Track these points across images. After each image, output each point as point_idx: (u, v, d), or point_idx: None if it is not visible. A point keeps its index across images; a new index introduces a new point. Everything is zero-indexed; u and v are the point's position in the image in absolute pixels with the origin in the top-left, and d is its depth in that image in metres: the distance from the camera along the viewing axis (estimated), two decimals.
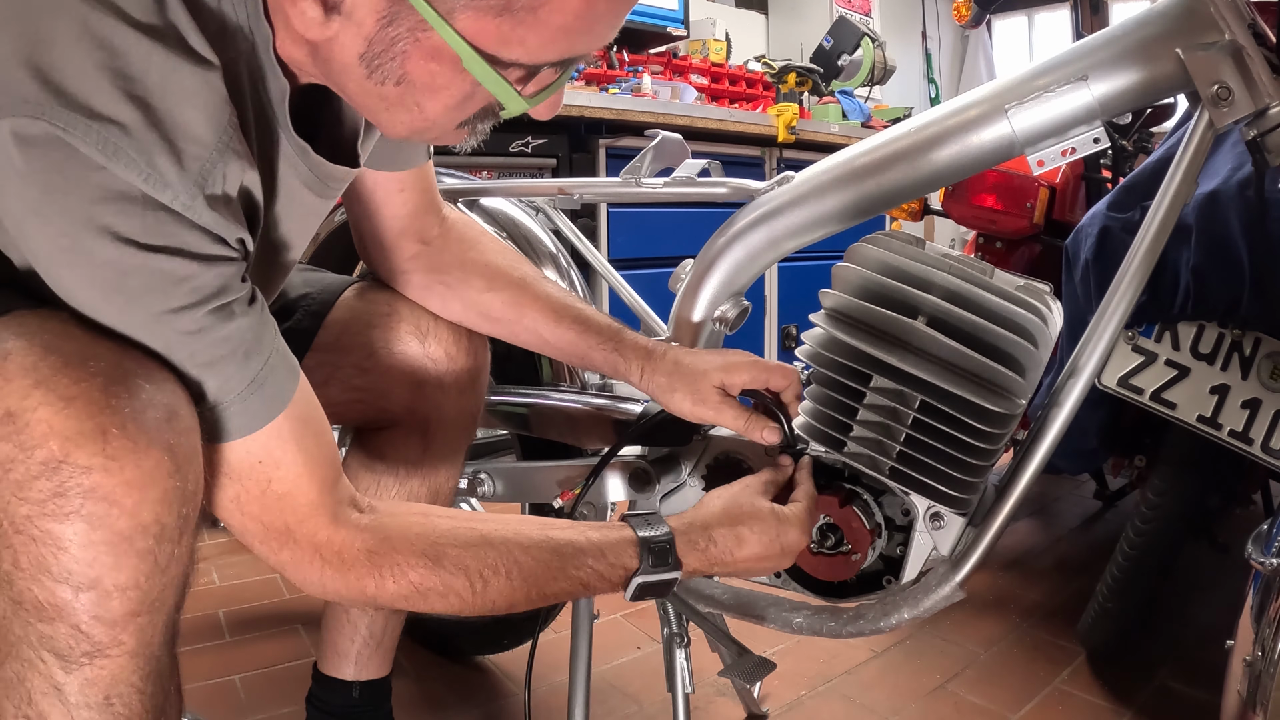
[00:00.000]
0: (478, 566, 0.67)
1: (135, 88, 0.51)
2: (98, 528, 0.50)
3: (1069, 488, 2.46)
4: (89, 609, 0.51)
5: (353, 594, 0.66)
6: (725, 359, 0.89)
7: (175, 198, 0.53)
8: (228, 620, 1.59)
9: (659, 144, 1.16)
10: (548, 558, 0.69)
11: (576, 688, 1.02)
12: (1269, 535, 0.74)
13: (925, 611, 0.80)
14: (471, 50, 0.55)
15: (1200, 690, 1.38)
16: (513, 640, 1.41)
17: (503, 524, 0.71)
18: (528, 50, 0.56)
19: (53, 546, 0.50)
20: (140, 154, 0.51)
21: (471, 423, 1.03)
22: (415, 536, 0.67)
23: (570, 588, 0.71)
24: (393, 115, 0.62)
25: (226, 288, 0.57)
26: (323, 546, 0.65)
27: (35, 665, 0.52)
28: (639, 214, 2.52)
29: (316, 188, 0.70)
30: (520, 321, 0.95)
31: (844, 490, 0.85)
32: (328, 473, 0.65)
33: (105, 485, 0.50)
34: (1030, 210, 1.84)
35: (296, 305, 0.95)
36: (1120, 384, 1.14)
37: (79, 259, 0.52)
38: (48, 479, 0.50)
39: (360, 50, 0.57)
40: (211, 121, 0.55)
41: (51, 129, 0.49)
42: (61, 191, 0.50)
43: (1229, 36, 0.71)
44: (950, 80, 5.96)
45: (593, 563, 0.71)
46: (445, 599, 0.67)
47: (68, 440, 0.50)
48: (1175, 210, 0.76)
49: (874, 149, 0.89)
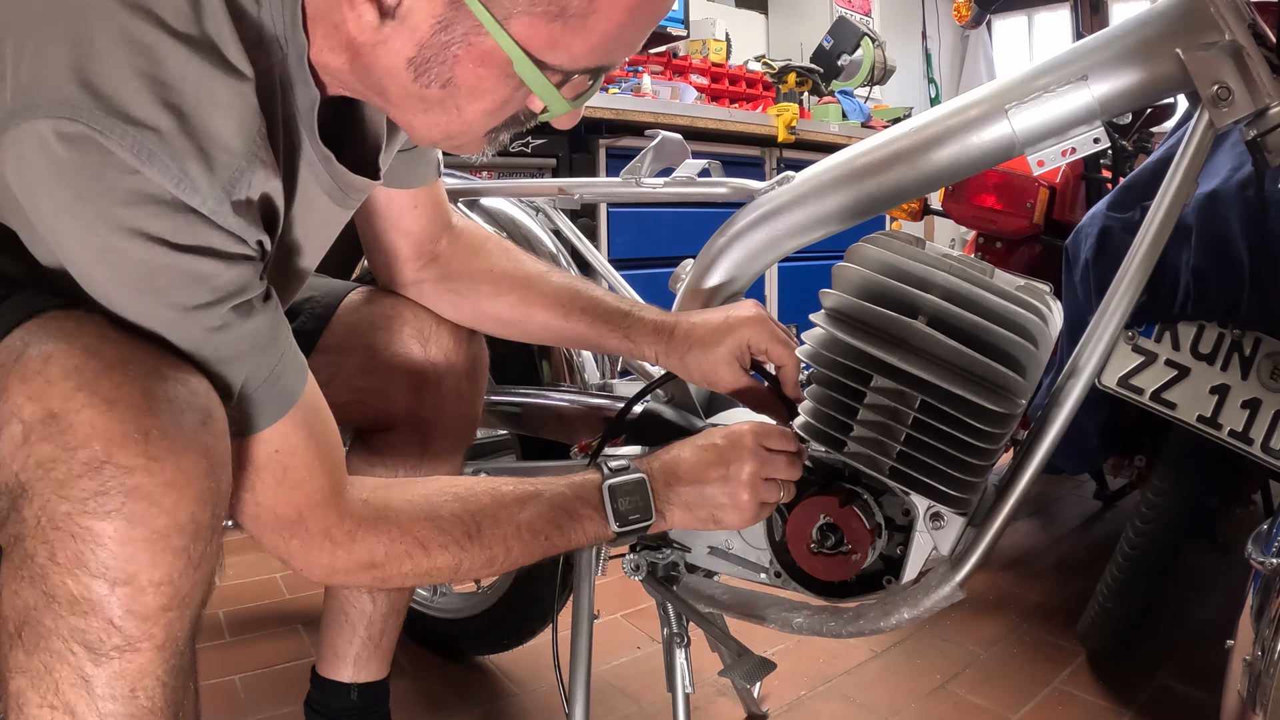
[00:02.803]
0: (470, 516, 0.72)
1: (171, 95, 0.53)
2: (137, 525, 0.52)
3: (1069, 488, 2.46)
4: (123, 603, 0.53)
5: (359, 567, 0.69)
6: (733, 318, 0.89)
7: (204, 203, 0.55)
8: (228, 620, 1.59)
9: (659, 144, 1.16)
10: (543, 509, 0.76)
11: (576, 688, 1.02)
12: (1269, 535, 0.74)
13: (925, 611, 0.80)
14: (523, 53, 0.58)
15: (1200, 690, 1.38)
16: (513, 640, 1.41)
17: (485, 482, 0.77)
18: (571, 56, 0.59)
19: (91, 543, 0.52)
20: (174, 160, 0.53)
21: (471, 425, 1.04)
22: (415, 496, 0.72)
23: (556, 524, 0.77)
24: (430, 117, 0.64)
25: (247, 286, 0.59)
26: (332, 528, 0.68)
27: (65, 657, 0.53)
28: (639, 214, 2.52)
29: (337, 197, 0.72)
30: (530, 320, 0.96)
31: (844, 490, 0.85)
32: (336, 458, 0.69)
33: (147, 485, 0.52)
34: (1030, 210, 1.84)
35: (300, 308, 0.95)
36: (1120, 384, 1.14)
37: (111, 258, 0.54)
38: (90, 478, 0.51)
39: (410, 54, 0.59)
40: (242, 132, 0.57)
41: (89, 131, 0.51)
42: (95, 193, 0.52)
43: (1229, 36, 0.71)
44: (950, 80, 5.96)
45: (571, 498, 0.77)
46: (447, 550, 0.71)
47: (111, 441, 0.51)
48: (1175, 210, 0.76)
49: (874, 149, 0.89)
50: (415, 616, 1.43)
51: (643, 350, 0.93)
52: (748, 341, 0.88)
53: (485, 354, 1.03)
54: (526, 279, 0.96)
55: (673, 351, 0.91)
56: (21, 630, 0.53)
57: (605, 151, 2.48)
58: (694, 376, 0.91)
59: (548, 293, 0.95)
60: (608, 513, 0.78)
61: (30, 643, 0.53)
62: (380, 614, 1.04)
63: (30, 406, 0.51)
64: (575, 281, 0.97)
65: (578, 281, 0.97)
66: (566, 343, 0.98)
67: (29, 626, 0.53)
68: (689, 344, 0.90)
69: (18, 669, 0.54)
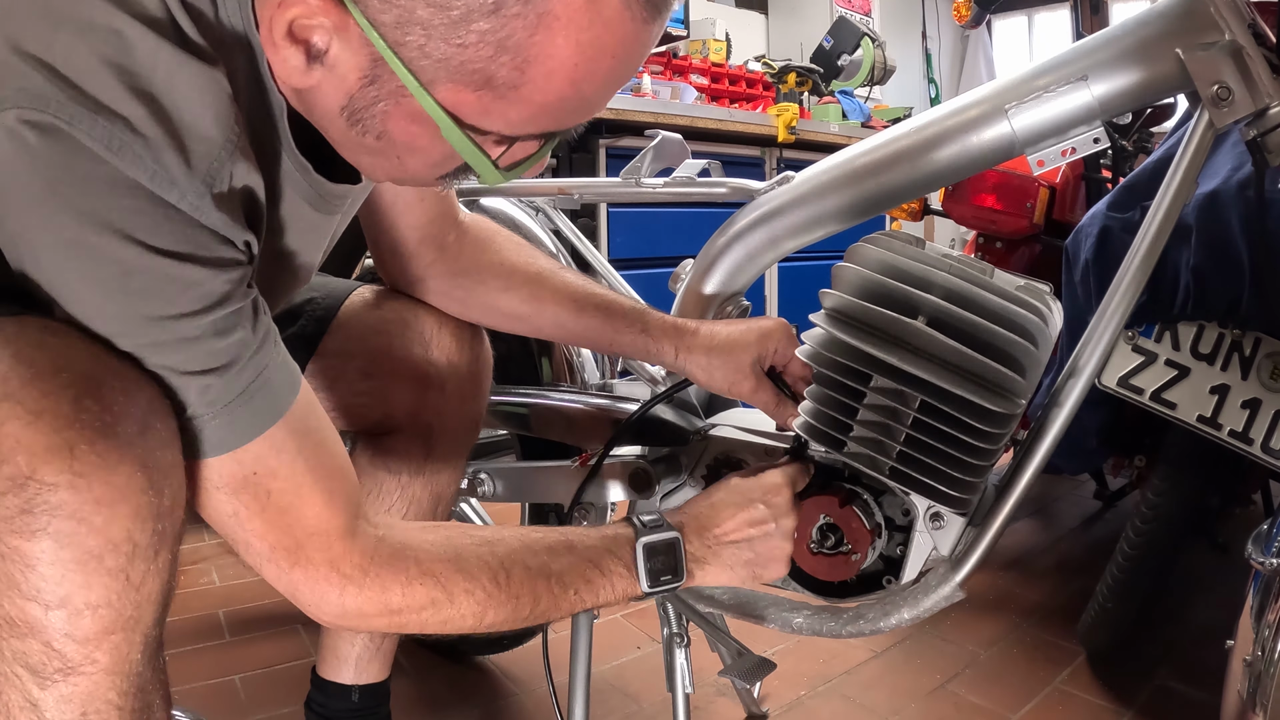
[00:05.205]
0: (496, 563, 0.68)
1: (141, 83, 0.50)
2: (66, 546, 0.49)
3: (1069, 488, 2.46)
4: (60, 627, 0.50)
5: (375, 609, 0.64)
6: (760, 328, 0.88)
7: (182, 197, 0.52)
8: (228, 620, 1.59)
9: (659, 144, 1.16)
10: (575, 561, 0.72)
11: (576, 688, 1.02)
12: (1269, 535, 0.74)
13: (925, 611, 0.80)
14: (450, 120, 0.55)
15: (1200, 690, 1.38)
16: (512, 641, 1.41)
17: (508, 531, 0.73)
18: (509, 123, 0.56)
19: (21, 564, 0.49)
20: (146, 151, 0.50)
21: (474, 427, 1.03)
22: (434, 539, 0.67)
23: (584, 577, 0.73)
24: (374, 162, 0.62)
25: (231, 295, 0.55)
26: (339, 560, 0.62)
27: (11, 680, 0.51)
28: (639, 214, 2.51)
29: (317, 203, 0.69)
30: (541, 315, 0.94)
31: (844, 490, 0.85)
32: (336, 484, 0.63)
33: (72, 503, 0.49)
34: (1030, 210, 1.84)
35: (301, 310, 0.94)
36: (1120, 384, 1.14)
37: (82, 254, 0.51)
38: (15, 495, 0.48)
39: (341, 103, 0.56)
40: (219, 120, 0.54)
41: (56, 122, 0.48)
42: (66, 185, 0.49)
43: (1229, 36, 0.71)
44: (950, 80, 5.96)
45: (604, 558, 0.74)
46: (471, 596, 0.67)
47: (34, 456, 0.48)
48: (1175, 210, 0.76)
49: (874, 149, 0.88)
50: None
51: (660, 347, 0.91)
52: (773, 349, 0.88)
53: (489, 355, 1.02)
54: (539, 273, 0.95)
55: (694, 352, 0.89)
56: None
57: (605, 151, 2.48)
58: (715, 380, 0.89)
59: (560, 288, 0.94)
60: (640, 572, 0.74)
61: None
62: None
63: None
64: (589, 282, 0.96)
65: (591, 282, 0.97)
66: (576, 339, 0.96)
67: None
68: (711, 348, 0.89)
69: None
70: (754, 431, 0.96)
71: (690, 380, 0.92)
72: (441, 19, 0.50)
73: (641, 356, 0.93)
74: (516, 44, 0.51)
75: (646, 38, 0.54)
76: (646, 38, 0.54)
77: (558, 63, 0.52)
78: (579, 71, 0.53)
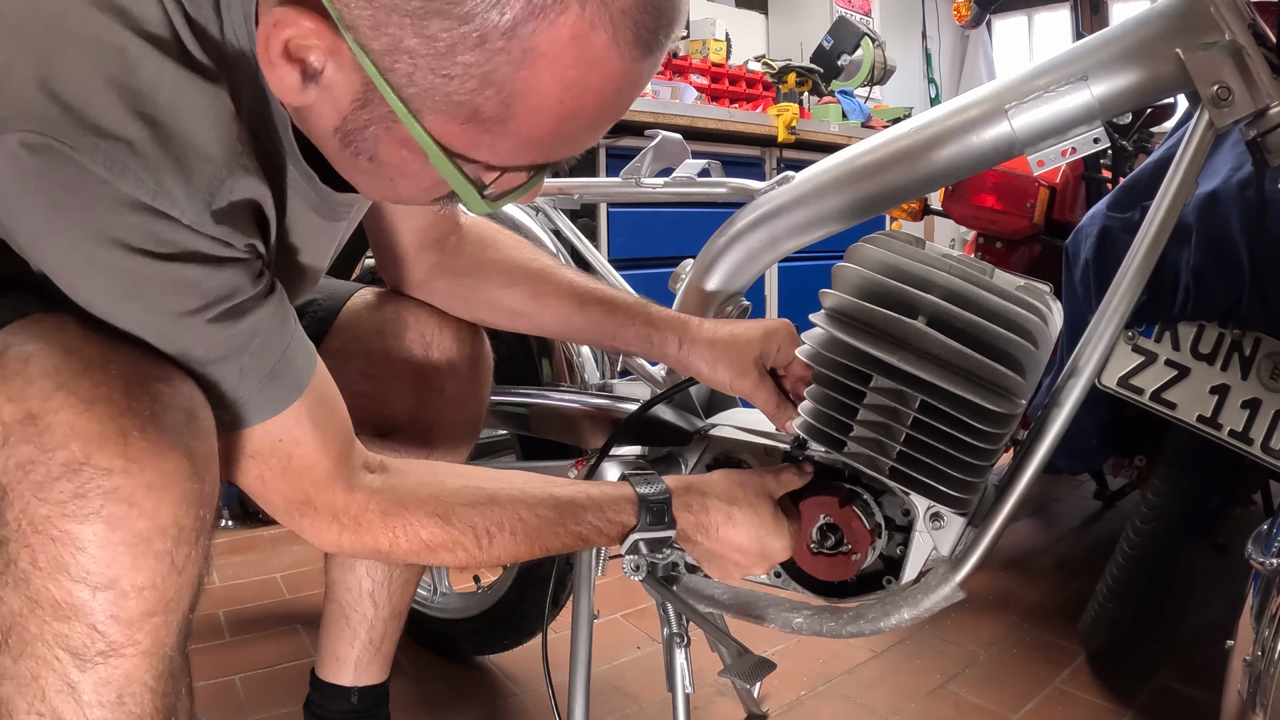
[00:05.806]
0: (484, 524, 0.72)
1: (144, 104, 0.51)
2: (117, 529, 0.51)
3: (1069, 488, 2.46)
4: (106, 608, 0.52)
5: (367, 552, 0.71)
6: (764, 326, 0.89)
7: (182, 214, 0.53)
8: (228, 620, 1.59)
9: (659, 144, 1.16)
10: (550, 514, 0.75)
11: (576, 688, 1.02)
12: (1269, 535, 0.74)
13: (925, 611, 0.80)
14: (438, 149, 0.55)
15: (1200, 690, 1.38)
16: (512, 641, 1.41)
17: (508, 481, 0.76)
18: (497, 155, 0.56)
19: (71, 547, 0.51)
20: (148, 173, 0.51)
21: (474, 429, 1.03)
22: (426, 497, 0.72)
23: (570, 542, 0.77)
24: (368, 183, 0.62)
25: (238, 288, 0.58)
26: (340, 512, 0.68)
27: (50, 663, 0.52)
28: (639, 214, 2.51)
29: (323, 211, 0.71)
30: (544, 311, 0.95)
31: (844, 490, 0.85)
32: (343, 445, 0.69)
33: (126, 487, 0.51)
34: (1030, 210, 1.84)
35: (303, 311, 0.95)
36: (1120, 384, 1.14)
37: (92, 269, 0.53)
38: (68, 480, 0.50)
39: (335, 124, 0.57)
40: (221, 140, 0.55)
41: (57, 145, 0.49)
42: (70, 206, 0.51)
43: (1229, 36, 0.71)
44: (950, 80, 5.96)
45: (592, 518, 0.77)
46: (453, 553, 0.72)
47: (89, 442, 0.50)
48: (1175, 210, 0.76)
49: (874, 149, 0.89)
50: (415, 617, 1.43)
51: (664, 339, 0.91)
52: (776, 348, 0.88)
53: (490, 356, 1.02)
54: (541, 270, 0.95)
55: (698, 345, 0.90)
56: (8, 636, 0.52)
57: (605, 151, 2.47)
58: (718, 373, 0.89)
59: (562, 283, 0.94)
60: (640, 515, 0.78)
61: (16, 649, 0.53)
62: (382, 619, 1.04)
63: (9, 407, 0.51)
64: (591, 278, 0.96)
65: (593, 279, 0.97)
66: (580, 334, 0.96)
67: (15, 632, 0.52)
68: (715, 341, 0.89)
69: (5, 675, 0.53)
70: (754, 431, 0.96)
71: (693, 375, 0.92)
72: (428, 49, 0.50)
73: (645, 350, 0.93)
74: (501, 79, 0.50)
75: (637, 76, 0.53)
76: (637, 76, 0.53)
77: (543, 99, 0.52)
78: (564, 109, 0.52)
